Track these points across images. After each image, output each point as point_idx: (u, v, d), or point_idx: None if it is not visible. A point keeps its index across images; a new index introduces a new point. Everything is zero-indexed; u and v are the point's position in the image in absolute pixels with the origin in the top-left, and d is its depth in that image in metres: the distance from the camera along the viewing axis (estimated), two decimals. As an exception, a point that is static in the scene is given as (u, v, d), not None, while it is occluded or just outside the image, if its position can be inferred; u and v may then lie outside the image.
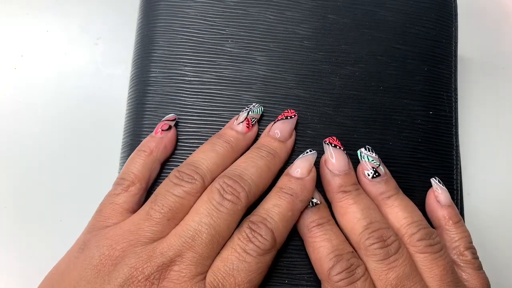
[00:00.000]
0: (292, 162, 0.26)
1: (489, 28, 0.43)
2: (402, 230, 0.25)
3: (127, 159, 0.28)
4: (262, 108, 0.27)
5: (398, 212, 0.25)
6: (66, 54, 0.39)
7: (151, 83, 0.28)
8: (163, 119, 0.27)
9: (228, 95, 0.28)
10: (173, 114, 0.27)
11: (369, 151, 0.27)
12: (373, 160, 0.26)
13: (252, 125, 0.26)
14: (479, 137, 0.40)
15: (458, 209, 0.28)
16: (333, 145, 0.26)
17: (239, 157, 0.26)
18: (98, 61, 0.39)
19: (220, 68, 0.28)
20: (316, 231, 0.24)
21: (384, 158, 0.28)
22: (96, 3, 0.41)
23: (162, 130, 0.26)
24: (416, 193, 0.28)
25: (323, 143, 0.26)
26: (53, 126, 0.37)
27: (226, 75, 0.28)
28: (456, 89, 0.31)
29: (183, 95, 0.28)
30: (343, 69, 0.29)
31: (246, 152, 0.26)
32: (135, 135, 0.28)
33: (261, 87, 0.28)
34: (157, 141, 0.26)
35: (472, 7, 0.43)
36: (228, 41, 0.29)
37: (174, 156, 0.27)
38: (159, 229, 0.23)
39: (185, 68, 0.28)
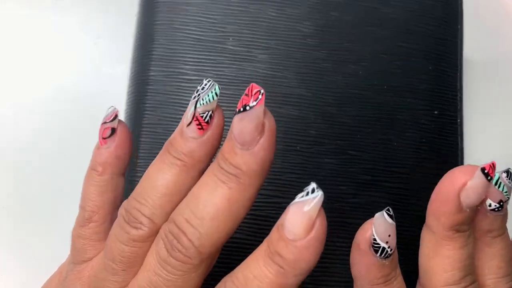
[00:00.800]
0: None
1: (493, 27, 0.43)
2: (487, 280, 0.21)
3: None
4: (218, 88, 0.18)
5: (496, 258, 0.21)
6: (66, 53, 0.39)
7: (151, 82, 0.28)
8: (102, 120, 0.21)
9: (229, 94, 0.28)
10: (112, 109, 0.21)
11: (509, 178, 0.21)
12: (506, 192, 0.20)
13: (207, 122, 0.18)
14: (482, 135, 0.39)
15: None
16: (488, 176, 0.19)
17: (203, 169, 0.19)
18: (97, 60, 0.39)
19: (221, 67, 0.28)
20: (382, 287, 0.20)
21: (387, 158, 0.27)
22: (95, 2, 0.41)
23: (104, 138, 0.21)
24: (420, 194, 0.27)
25: (480, 168, 0.19)
26: (53, 125, 0.37)
27: (227, 73, 0.28)
28: (461, 88, 0.30)
29: (183, 94, 0.28)
30: (346, 67, 0.28)
31: (203, 176, 0.19)
32: (134, 135, 0.28)
33: (262, 86, 0.28)
34: (104, 154, 0.21)
35: (475, 5, 0.43)
36: (229, 39, 0.28)
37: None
38: (119, 279, 0.19)
39: (186, 66, 0.28)
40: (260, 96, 0.17)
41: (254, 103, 0.17)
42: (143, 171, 0.26)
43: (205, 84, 0.19)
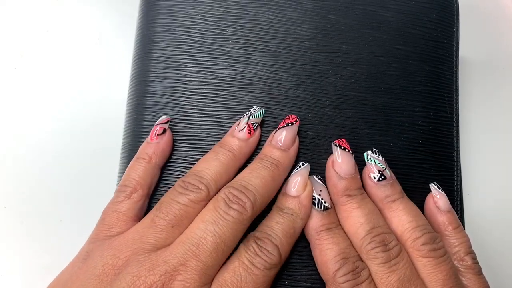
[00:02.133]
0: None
1: (489, 28, 0.43)
2: (406, 234, 0.25)
3: (127, 159, 0.28)
4: (263, 111, 0.27)
5: (403, 216, 0.25)
6: (66, 54, 0.39)
7: (151, 83, 0.28)
8: (157, 122, 0.27)
9: (228, 95, 0.28)
10: (166, 116, 0.27)
11: (376, 154, 0.27)
12: (379, 163, 0.26)
13: (254, 130, 0.26)
14: (478, 137, 0.39)
15: (458, 209, 0.28)
16: (342, 147, 0.26)
17: (242, 164, 0.26)
18: (97, 61, 0.39)
19: (220, 69, 0.28)
20: (325, 234, 0.24)
21: (385, 159, 0.28)
22: (96, 3, 0.41)
23: (157, 134, 0.26)
24: (417, 195, 0.28)
25: (332, 144, 0.26)
26: (53, 126, 0.37)
27: (226, 75, 0.28)
28: (457, 90, 0.31)
29: (183, 95, 0.28)
30: (344, 70, 0.29)
31: (250, 163, 0.26)
32: (135, 136, 0.28)
33: (261, 88, 0.28)
34: (154, 146, 0.26)
35: (472, 7, 0.43)
36: (228, 41, 0.29)
37: (174, 156, 0.27)
38: (164, 236, 0.23)
39: (185, 68, 0.28)
40: (297, 120, 0.26)
41: (294, 122, 0.26)
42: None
43: (257, 107, 0.27)
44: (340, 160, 0.26)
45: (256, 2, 0.29)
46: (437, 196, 0.27)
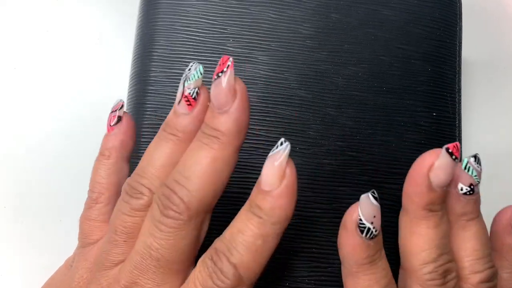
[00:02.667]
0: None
1: (492, 28, 0.43)
2: (466, 262, 0.22)
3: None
4: (201, 68, 0.20)
5: (472, 240, 0.22)
6: (66, 54, 0.39)
7: (151, 82, 0.28)
8: (110, 110, 0.24)
9: (229, 95, 0.28)
10: (119, 100, 0.24)
11: (477, 162, 0.22)
12: (476, 176, 0.22)
13: (194, 98, 0.20)
14: (481, 137, 0.39)
15: None
16: (453, 155, 0.20)
17: None
18: (97, 60, 0.39)
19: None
20: (367, 268, 0.21)
21: (387, 160, 0.27)
22: (95, 2, 0.41)
23: (112, 125, 0.24)
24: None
25: (444, 147, 0.21)
26: (53, 126, 0.37)
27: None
28: (460, 90, 0.30)
29: (184, 95, 0.28)
30: (346, 69, 0.29)
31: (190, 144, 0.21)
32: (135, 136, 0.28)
33: (262, 87, 0.28)
34: (112, 140, 0.24)
35: (474, 7, 0.43)
36: (229, 40, 0.28)
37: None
38: (120, 251, 0.21)
39: (186, 67, 0.28)
40: (229, 63, 0.19)
41: (225, 69, 0.19)
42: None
43: (191, 66, 0.21)
44: (443, 168, 0.20)
45: (258, 0, 0.29)
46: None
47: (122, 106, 0.24)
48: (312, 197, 0.26)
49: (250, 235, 0.18)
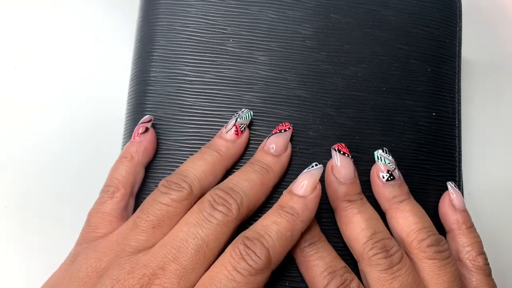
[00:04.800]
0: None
1: (491, 29, 0.43)
2: (412, 235, 0.24)
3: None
4: (252, 113, 0.27)
5: (409, 217, 0.25)
6: (66, 53, 0.39)
7: (151, 82, 0.28)
8: (140, 122, 0.27)
9: (230, 95, 0.28)
10: (148, 116, 0.27)
11: (386, 153, 0.26)
12: (389, 163, 0.26)
13: (242, 131, 0.26)
14: (480, 137, 0.39)
15: None
16: (341, 152, 0.26)
17: (230, 166, 0.26)
18: (98, 60, 0.39)
19: (222, 68, 0.28)
20: (309, 250, 0.24)
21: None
22: (95, 2, 0.41)
23: (139, 133, 0.26)
24: (418, 195, 0.27)
25: (332, 149, 0.26)
26: (53, 126, 0.37)
27: (228, 75, 0.28)
28: (459, 90, 0.30)
29: (184, 95, 0.28)
30: (346, 69, 0.29)
31: (241, 168, 0.25)
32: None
33: (262, 87, 0.28)
34: (136, 145, 0.26)
35: (473, 8, 0.43)
36: (229, 40, 0.29)
37: (174, 156, 0.27)
38: (145, 238, 0.22)
39: (186, 67, 0.28)
40: (291, 127, 0.26)
41: (287, 129, 0.26)
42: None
43: (242, 111, 0.27)
44: (339, 164, 0.25)
45: (257, 1, 0.29)
46: (453, 195, 0.27)
47: (151, 120, 0.27)
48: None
49: (283, 226, 0.22)
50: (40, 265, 0.34)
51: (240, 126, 0.26)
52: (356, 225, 0.24)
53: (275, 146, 0.25)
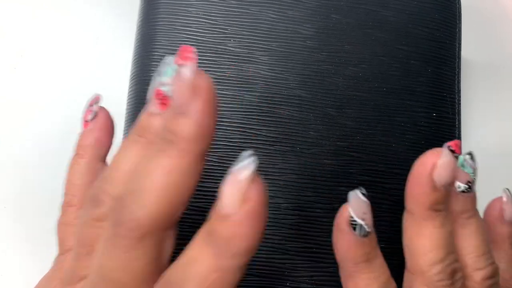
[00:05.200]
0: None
1: (491, 29, 0.43)
2: (468, 260, 0.22)
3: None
4: (172, 60, 0.18)
5: (472, 238, 0.22)
6: (66, 53, 0.39)
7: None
8: (86, 105, 0.22)
9: (230, 95, 0.28)
10: (95, 94, 0.22)
11: (472, 160, 0.22)
12: (472, 173, 0.22)
13: (165, 97, 0.18)
14: (480, 137, 0.39)
15: None
16: (455, 154, 0.20)
17: None
18: (97, 60, 0.39)
19: (222, 68, 0.28)
20: (364, 267, 0.21)
21: (387, 159, 0.27)
22: (95, 2, 0.41)
23: (87, 121, 0.22)
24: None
25: (445, 145, 0.21)
26: (53, 125, 0.37)
27: (228, 74, 0.28)
28: (459, 91, 0.31)
29: (185, 95, 0.28)
30: (346, 69, 0.29)
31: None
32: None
33: (263, 87, 0.28)
34: (86, 136, 0.22)
35: (473, 8, 0.43)
36: (230, 40, 0.29)
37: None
38: (83, 265, 0.18)
39: (187, 67, 0.28)
40: (190, 54, 0.16)
41: (185, 62, 0.16)
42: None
43: (165, 60, 0.18)
44: (445, 167, 0.20)
45: (258, 1, 0.29)
46: (508, 204, 0.24)
47: (98, 100, 0.22)
48: (312, 197, 0.26)
49: (206, 266, 0.15)
50: (40, 265, 0.34)
51: (163, 90, 0.18)
52: (433, 241, 0.21)
53: (175, 97, 0.16)
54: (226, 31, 0.29)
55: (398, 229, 0.24)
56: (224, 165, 0.27)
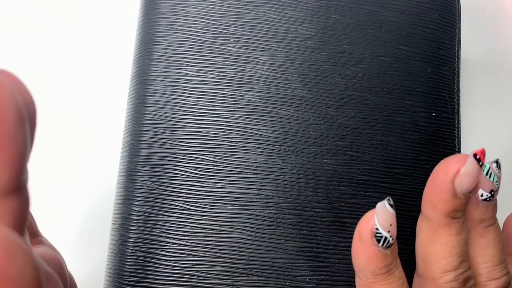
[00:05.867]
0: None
1: (490, 29, 0.43)
2: (484, 269, 0.22)
3: (127, 158, 0.28)
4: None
5: (489, 247, 0.22)
6: (66, 53, 0.39)
7: (152, 82, 0.28)
8: None
9: (230, 95, 0.28)
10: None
11: (498, 168, 0.21)
12: (496, 182, 0.21)
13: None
14: (479, 137, 0.39)
15: None
16: (480, 163, 0.20)
17: None
18: (97, 60, 0.39)
19: (222, 68, 0.28)
20: (382, 278, 0.20)
21: (387, 159, 0.27)
22: (95, 2, 0.41)
23: None
24: (418, 195, 0.27)
25: (471, 154, 0.20)
26: (53, 125, 0.37)
27: (228, 74, 0.28)
28: (458, 91, 0.31)
29: (185, 94, 0.28)
30: (346, 69, 0.29)
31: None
32: (135, 135, 0.28)
33: (263, 87, 0.28)
34: None
35: (472, 8, 0.43)
36: (230, 40, 0.29)
37: (174, 156, 0.27)
38: None
39: (187, 67, 0.28)
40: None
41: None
42: (144, 170, 0.27)
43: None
44: (469, 175, 0.20)
45: (258, 1, 0.29)
46: None
47: None
48: (312, 196, 0.26)
49: None
50: (40, 265, 0.34)
51: None
52: (448, 249, 0.20)
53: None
54: (226, 31, 0.29)
55: (398, 229, 0.24)
56: (224, 165, 0.27)
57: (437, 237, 0.21)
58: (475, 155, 0.20)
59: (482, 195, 0.21)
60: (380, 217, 0.20)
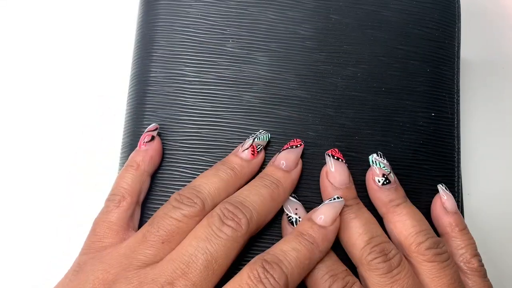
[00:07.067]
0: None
1: (490, 29, 0.43)
2: (410, 239, 0.24)
3: (127, 159, 0.28)
4: (269, 135, 0.27)
5: (407, 220, 0.25)
6: (66, 53, 0.39)
7: (151, 83, 0.28)
8: (146, 130, 0.27)
9: (229, 95, 0.28)
10: (154, 124, 0.27)
11: (380, 157, 0.26)
12: (384, 167, 0.26)
13: (258, 152, 0.26)
14: (479, 137, 0.39)
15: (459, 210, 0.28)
16: (335, 157, 0.26)
17: (243, 185, 0.25)
18: (97, 60, 0.39)
19: (221, 68, 0.28)
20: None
21: (386, 160, 0.27)
22: (95, 2, 0.41)
23: (146, 142, 0.26)
24: (417, 195, 0.28)
25: (325, 154, 0.26)
26: (53, 125, 0.37)
27: (227, 75, 0.28)
28: (458, 91, 0.31)
29: (184, 95, 0.28)
30: (345, 70, 0.29)
31: (250, 181, 0.25)
32: (135, 135, 0.28)
33: (262, 88, 0.28)
34: (142, 154, 0.26)
35: (472, 8, 0.43)
36: (229, 41, 0.29)
37: (173, 156, 0.27)
38: (153, 252, 0.22)
39: (186, 68, 0.28)
40: (302, 143, 0.26)
41: (299, 145, 0.26)
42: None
43: (260, 132, 0.27)
44: (333, 170, 0.25)
45: (257, 1, 0.29)
46: (444, 197, 0.27)
47: (157, 128, 0.27)
48: (311, 196, 0.26)
49: (302, 254, 0.22)
50: (40, 265, 0.34)
51: (256, 147, 0.26)
52: (354, 230, 0.24)
53: (286, 162, 0.25)
54: (225, 32, 0.29)
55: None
56: (223, 165, 0.27)
57: (342, 226, 0.24)
58: (327, 154, 0.26)
59: (379, 181, 0.26)
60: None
